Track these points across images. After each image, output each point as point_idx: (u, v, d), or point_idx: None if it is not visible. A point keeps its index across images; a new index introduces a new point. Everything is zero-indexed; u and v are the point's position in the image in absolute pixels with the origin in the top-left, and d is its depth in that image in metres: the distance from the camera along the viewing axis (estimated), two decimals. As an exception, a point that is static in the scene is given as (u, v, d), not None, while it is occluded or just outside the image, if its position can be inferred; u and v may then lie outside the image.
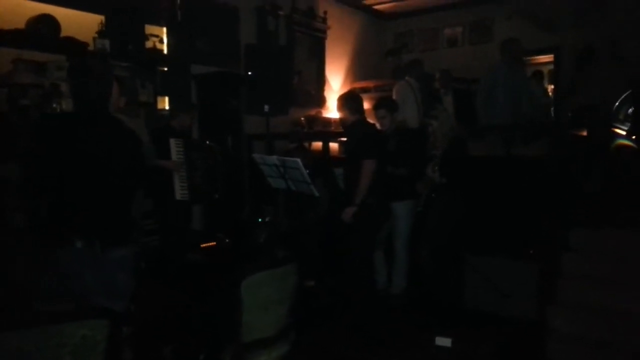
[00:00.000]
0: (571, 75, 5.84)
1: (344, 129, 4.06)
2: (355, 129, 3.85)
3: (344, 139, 5.08)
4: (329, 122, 6.83)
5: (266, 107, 4.87)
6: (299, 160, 3.62)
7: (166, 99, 5.10)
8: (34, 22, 3.96)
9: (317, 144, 6.33)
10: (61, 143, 2.38)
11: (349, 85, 7.62)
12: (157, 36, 4.91)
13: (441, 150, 3.98)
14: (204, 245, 4.76)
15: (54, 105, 3.95)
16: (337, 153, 6.36)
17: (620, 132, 5.14)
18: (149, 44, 4.85)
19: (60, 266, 2.40)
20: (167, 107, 5.05)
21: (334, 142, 6.36)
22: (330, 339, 3.72)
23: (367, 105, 5.59)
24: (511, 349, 3.61)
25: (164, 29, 5.12)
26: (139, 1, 4.79)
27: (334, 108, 5.90)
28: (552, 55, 7.37)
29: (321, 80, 7.43)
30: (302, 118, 6.70)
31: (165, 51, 5.06)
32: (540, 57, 7.62)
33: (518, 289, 3.99)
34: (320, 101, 7.29)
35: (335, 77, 7.72)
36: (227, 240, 4.92)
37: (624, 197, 4.29)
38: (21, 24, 3.94)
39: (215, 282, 3.45)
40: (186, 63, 5.33)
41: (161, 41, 4.99)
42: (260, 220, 5.21)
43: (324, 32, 7.37)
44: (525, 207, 4.42)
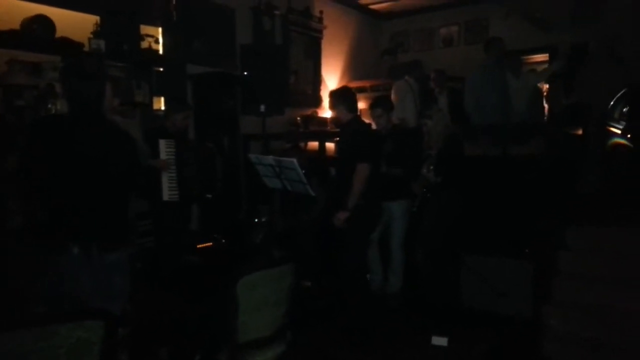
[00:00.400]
0: (564, 74, 5.85)
1: (338, 127, 3.99)
2: (350, 129, 3.77)
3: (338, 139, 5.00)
4: (325, 121, 6.83)
5: (262, 107, 4.87)
6: (295, 160, 3.61)
7: (162, 99, 5.09)
8: (28, 23, 3.95)
9: (313, 144, 6.33)
10: (55, 145, 2.37)
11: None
12: (152, 36, 4.90)
13: (436, 150, 3.98)
14: (201, 245, 4.76)
15: (49, 106, 3.93)
16: (333, 153, 6.37)
17: (616, 131, 5.15)
18: (144, 44, 4.83)
19: (57, 269, 2.39)
20: (162, 108, 5.04)
21: (330, 142, 6.36)
22: (326, 340, 3.72)
23: (364, 105, 5.61)
24: (507, 348, 3.62)
25: (160, 29, 5.10)
26: (135, 1, 4.77)
27: (330, 107, 5.89)
28: (547, 54, 7.38)
29: (317, 80, 7.43)
30: (298, 118, 6.71)
31: (160, 51, 5.05)
32: (536, 56, 7.63)
33: (513, 288, 3.99)
34: (317, 101, 7.30)
35: (331, 76, 7.72)
36: (223, 240, 4.92)
37: (619, 196, 4.31)
38: (16, 25, 3.92)
39: (211, 282, 3.44)
40: (182, 63, 5.32)
41: (157, 41, 4.98)
42: (256, 220, 5.21)
43: (320, 31, 7.37)
44: (520, 206, 4.43)
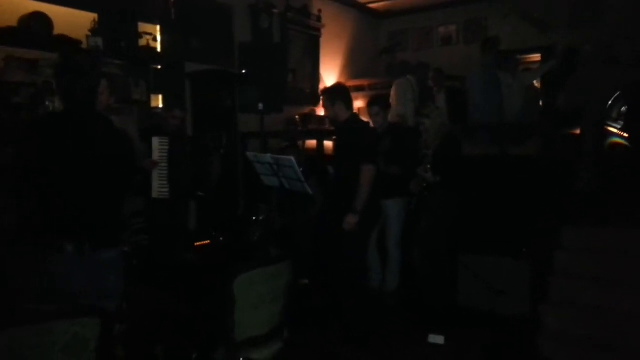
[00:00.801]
0: (555, 75, 5.87)
1: (336, 126, 3.86)
2: (350, 127, 3.69)
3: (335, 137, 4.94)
4: (323, 120, 6.82)
5: (260, 105, 4.87)
6: (293, 158, 3.60)
7: (160, 97, 5.09)
8: (26, 20, 3.94)
9: (311, 142, 6.32)
10: (49, 143, 2.37)
11: (343, 84, 7.62)
12: (150, 34, 4.89)
13: (433, 150, 3.98)
14: (198, 243, 4.75)
15: (46, 103, 3.92)
16: (331, 151, 6.36)
17: (614, 131, 5.16)
18: (142, 42, 4.82)
19: (50, 268, 2.39)
20: (160, 106, 5.04)
21: (328, 141, 6.36)
22: (323, 338, 3.72)
23: (362, 104, 5.61)
24: (504, 347, 3.63)
25: (158, 27, 5.09)
26: (133, -1, 4.78)
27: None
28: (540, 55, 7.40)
29: (315, 78, 7.43)
30: (297, 116, 6.71)
31: (158, 49, 5.04)
32: (534, 55, 7.64)
33: (511, 287, 4.00)
34: (315, 99, 7.29)
35: (329, 75, 7.72)
36: (221, 238, 4.92)
37: (616, 196, 4.32)
38: (13, 22, 3.91)
39: (209, 280, 3.44)
40: (180, 61, 5.32)
41: (155, 39, 4.97)
42: (254, 218, 5.21)
43: (319, 30, 7.37)
44: (518, 206, 4.44)
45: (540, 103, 6.46)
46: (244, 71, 5.42)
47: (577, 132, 5.36)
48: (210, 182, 4.27)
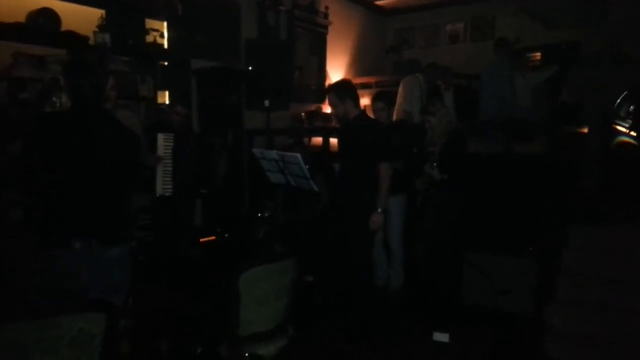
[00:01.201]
0: (557, 72, 5.83)
1: (344, 123, 3.75)
2: (360, 124, 3.61)
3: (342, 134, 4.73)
4: (329, 117, 6.81)
5: (266, 102, 4.86)
6: (299, 155, 3.59)
7: (166, 93, 5.10)
8: (34, 16, 3.96)
9: (317, 140, 6.32)
10: (57, 140, 2.38)
11: (350, 81, 7.61)
12: (157, 30, 4.91)
13: (439, 147, 3.96)
14: (203, 239, 4.77)
15: (53, 99, 3.94)
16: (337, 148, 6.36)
17: (622, 130, 5.13)
18: (149, 38, 4.84)
19: (58, 264, 2.40)
20: (167, 102, 5.05)
21: (334, 138, 6.35)
22: (328, 335, 3.72)
23: (368, 102, 5.60)
24: (509, 346, 3.62)
25: (165, 24, 5.10)
26: (140, -5, 4.78)
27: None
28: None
29: (322, 75, 7.42)
30: (303, 113, 6.70)
31: (165, 45, 5.05)
32: (539, 54, 7.57)
33: (516, 285, 3.99)
34: (321, 97, 7.26)
35: (336, 72, 7.71)
36: (226, 234, 4.93)
37: (623, 194, 4.29)
38: (21, 18, 3.93)
39: (214, 276, 3.45)
40: (186, 57, 5.33)
41: (162, 35, 4.98)
42: (259, 215, 5.21)
43: (325, 27, 7.36)
44: (524, 204, 4.42)
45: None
46: (250, 68, 5.41)
47: (585, 130, 5.33)
48: (215, 179, 4.27)
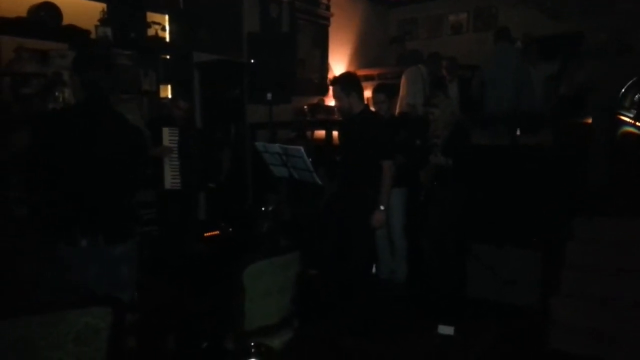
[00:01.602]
0: (559, 63, 5.79)
1: (348, 117, 3.69)
2: (365, 119, 3.57)
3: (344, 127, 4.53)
4: (332, 110, 6.79)
5: (269, 95, 4.85)
6: (302, 148, 3.58)
7: (169, 87, 5.09)
8: (35, 10, 3.95)
9: (320, 133, 6.30)
10: (63, 137, 2.37)
11: (352, 74, 7.58)
12: (159, 24, 4.89)
13: (442, 139, 3.93)
14: (208, 234, 4.77)
15: (56, 94, 3.94)
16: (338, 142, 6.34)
17: (626, 120, 5.09)
18: (151, 32, 4.82)
19: (64, 261, 2.41)
20: (169, 96, 5.04)
21: (337, 131, 6.33)
22: (332, 329, 3.72)
23: (369, 94, 5.57)
24: (514, 338, 3.62)
25: (166, 17, 5.08)
26: (141, -11, 4.76)
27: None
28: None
29: (324, 68, 7.39)
30: (305, 106, 6.68)
31: (167, 39, 5.04)
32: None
33: (521, 277, 3.98)
34: (324, 89, 7.26)
35: (338, 65, 7.67)
36: (230, 229, 4.93)
37: (629, 187, 4.26)
38: (23, 12, 3.92)
39: (218, 270, 3.45)
40: (188, 51, 5.31)
41: (163, 29, 4.97)
42: (263, 209, 5.20)
43: (328, 19, 7.32)
44: (529, 196, 4.40)
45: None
46: (252, 61, 5.39)
47: (589, 121, 5.29)
48: (220, 173, 4.27)
